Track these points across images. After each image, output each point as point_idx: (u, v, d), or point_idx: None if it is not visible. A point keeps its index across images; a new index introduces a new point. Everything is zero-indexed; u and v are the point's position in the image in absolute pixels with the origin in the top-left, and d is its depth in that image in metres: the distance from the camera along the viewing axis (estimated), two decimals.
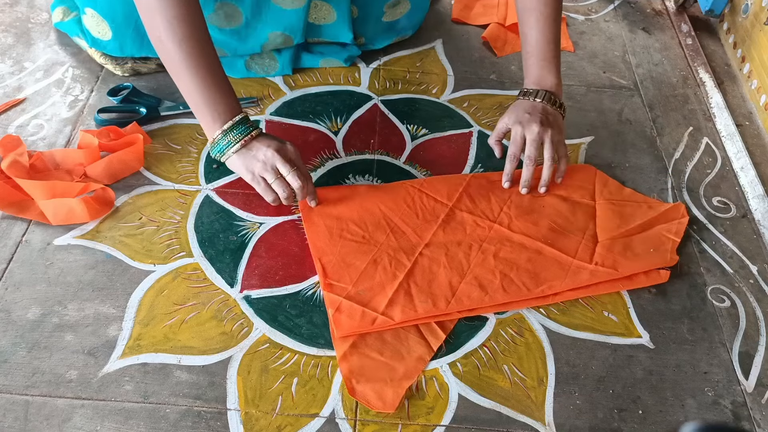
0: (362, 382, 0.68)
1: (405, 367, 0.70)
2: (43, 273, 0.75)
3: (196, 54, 0.74)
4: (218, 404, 0.66)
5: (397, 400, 0.67)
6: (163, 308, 0.73)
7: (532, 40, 0.86)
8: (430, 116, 0.99)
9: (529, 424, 0.68)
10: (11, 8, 1.09)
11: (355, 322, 0.72)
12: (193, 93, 0.76)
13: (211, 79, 0.76)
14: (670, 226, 0.85)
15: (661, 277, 0.80)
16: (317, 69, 1.04)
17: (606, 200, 0.87)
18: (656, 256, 0.81)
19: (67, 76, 0.98)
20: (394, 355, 0.71)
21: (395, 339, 0.72)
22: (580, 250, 0.81)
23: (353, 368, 0.69)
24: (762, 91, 1.06)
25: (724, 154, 0.98)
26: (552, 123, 0.84)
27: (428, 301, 0.74)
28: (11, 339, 0.69)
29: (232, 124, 0.76)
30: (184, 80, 0.75)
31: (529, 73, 0.88)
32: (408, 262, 0.78)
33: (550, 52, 0.86)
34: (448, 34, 1.14)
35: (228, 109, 0.77)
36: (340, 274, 0.76)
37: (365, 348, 0.71)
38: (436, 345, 0.72)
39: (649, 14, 1.25)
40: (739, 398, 0.72)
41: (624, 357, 0.74)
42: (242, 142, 0.76)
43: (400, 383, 0.69)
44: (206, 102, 0.76)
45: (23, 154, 0.83)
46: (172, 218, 0.82)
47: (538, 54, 0.86)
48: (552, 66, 0.87)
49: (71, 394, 0.66)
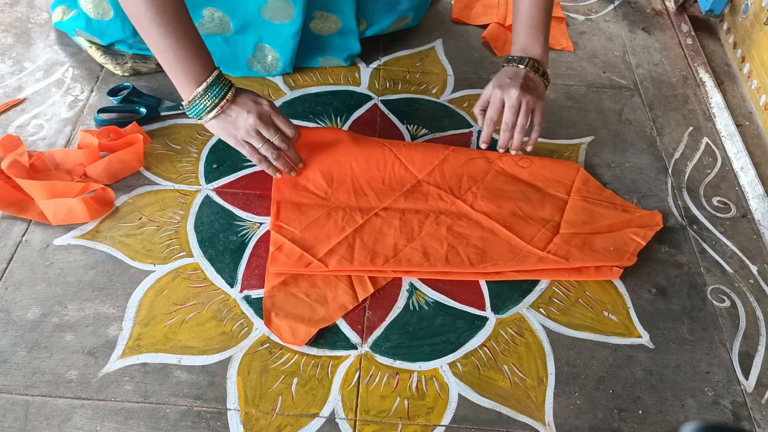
0: (280, 316, 0.72)
1: (326, 311, 0.74)
2: (43, 273, 0.75)
3: (168, 11, 0.71)
4: (218, 404, 0.66)
5: (308, 338, 0.71)
6: (163, 308, 0.73)
7: (522, 8, 0.86)
8: (430, 116, 0.99)
9: (529, 424, 0.68)
10: (11, 8, 1.09)
11: (291, 261, 0.76)
12: (163, 51, 0.73)
13: (182, 35, 0.73)
14: (638, 229, 0.83)
15: (613, 274, 0.80)
16: (317, 69, 1.04)
17: (581, 197, 0.87)
18: (614, 255, 0.80)
19: (67, 76, 0.98)
20: (319, 298, 0.75)
21: (325, 284, 0.76)
22: (537, 237, 0.81)
23: (276, 302, 0.74)
24: (762, 91, 1.06)
25: (724, 154, 0.98)
26: (532, 89, 0.83)
27: (367, 257, 0.77)
28: (11, 339, 0.69)
29: (206, 86, 0.75)
30: (153, 37, 0.72)
31: (517, 40, 0.87)
32: (360, 219, 0.81)
33: (539, 20, 0.85)
34: (448, 34, 1.14)
35: (200, 69, 0.75)
36: (291, 219, 0.80)
37: (294, 287, 0.75)
38: (363, 296, 0.75)
39: (649, 14, 1.25)
40: (739, 398, 0.72)
41: (624, 357, 0.74)
42: (219, 107, 0.76)
43: (316, 324, 0.72)
44: (177, 60, 0.73)
45: (23, 154, 0.83)
46: (172, 218, 0.82)
47: (526, 22, 0.86)
48: (539, 34, 0.86)
49: (71, 394, 0.66)
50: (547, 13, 0.86)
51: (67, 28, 1.01)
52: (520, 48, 0.86)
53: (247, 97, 0.78)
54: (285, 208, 0.81)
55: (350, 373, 0.70)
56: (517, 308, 0.77)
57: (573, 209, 0.85)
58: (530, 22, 0.86)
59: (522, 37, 0.87)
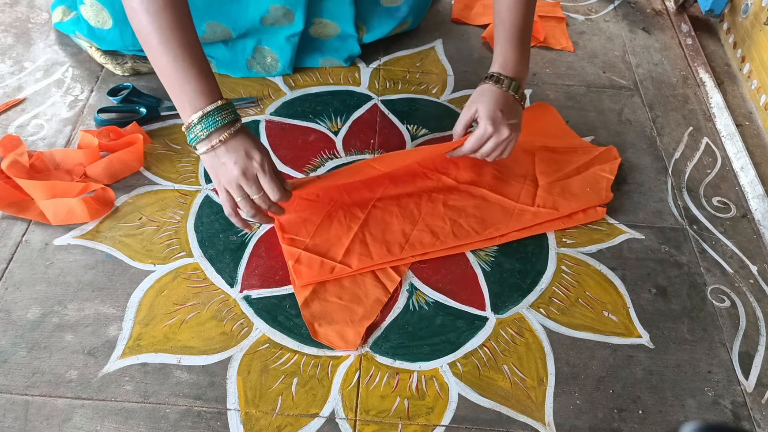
0: (324, 324, 0.72)
1: (364, 308, 0.74)
2: (43, 273, 0.75)
3: (172, 27, 0.67)
4: (218, 404, 0.66)
5: (358, 339, 0.72)
6: (163, 308, 0.73)
7: (504, 21, 0.83)
8: (430, 116, 0.99)
9: (529, 424, 0.68)
10: (11, 8, 1.09)
11: (315, 271, 0.76)
12: (166, 71, 0.69)
13: (186, 59, 0.68)
14: (604, 166, 0.91)
15: (598, 214, 0.86)
16: (317, 69, 1.04)
17: (544, 149, 0.93)
18: (593, 195, 0.88)
19: (67, 76, 0.98)
20: (353, 298, 0.75)
21: (353, 284, 0.76)
22: (522, 194, 0.87)
23: (315, 313, 0.73)
24: (762, 91, 1.05)
25: (724, 154, 0.98)
26: (516, 126, 0.82)
27: (383, 248, 0.79)
28: (11, 339, 0.69)
29: (202, 115, 0.69)
30: (156, 56, 0.69)
31: (498, 54, 0.84)
32: (362, 214, 0.82)
33: (521, 34, 0.83)
34: (448, 34, 1.14)
35: (201, 95, 0.69)
36: (298, 229, 0.80)
37: (325, 294, 0.75)
38: (392, 287, 0.77)
39: (649, 14, 1.25)
40: (739, 398, 0.72)
41: (624, 357, 0.74)
42: (210, 145, 0.69)
43: (360, 323, 0.73)
44: (179, 83, 0.69)
45: (23, 154, 0.83)
46: (172, 218, 0.82)
47: (509, 36, 0.83)
48: (525, 49, 0.84)
49: (71, 394, 0.66)
50: (528, 27, 0.84)
51: (67, 29, 1.01)
52: (502, 64, 0.83)
53: (242, 145, 0.70)
54: (286, 220, 0.81)
55: (350, 373, 0.70)
56: (517, 308, 0.77)
57: (542, 160, 0.91)
58: (513, 36, 0.83)
59: (504, 51, 0.83)
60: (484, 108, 0.80)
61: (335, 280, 0.76)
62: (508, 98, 0.81)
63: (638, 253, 0.84)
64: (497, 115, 0.80)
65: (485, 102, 0.81)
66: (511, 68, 0.82)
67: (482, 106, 0.81)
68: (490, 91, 0.81)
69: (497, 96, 0.81)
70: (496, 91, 0.81)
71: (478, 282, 0.79)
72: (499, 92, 0.81)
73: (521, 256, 0.82)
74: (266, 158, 0.71)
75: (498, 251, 0.83)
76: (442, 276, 0.79)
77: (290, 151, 0.91)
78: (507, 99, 0.81)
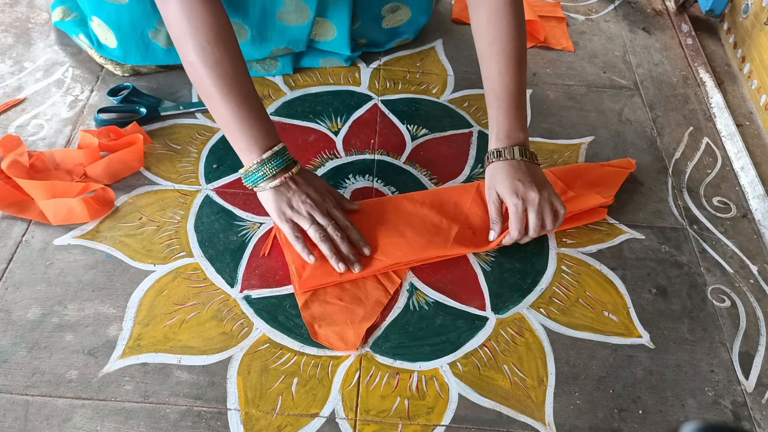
0: (324, 326, 0.72)
1: (364, 310, 0.74)
2: (43, 273, 0.75)
3: (229, 79, 0.71)
4: (218, 404, 0.66)
5: (358, 340, 0.71)
6: (163, 308, 0.73)
7: (498, 86, 0.79)
8: (430, 116, 0.99)
9: (529, 424, 0.68)
10: (11, 8, 1.09)
11: (317, 279, 0.75)
12: (227, 119, 0.72)
13: (246, 104, 0.72)
14: (614, 170, 0.91)
15: (600, 215, 0.86)
16: (317, 69, 1.04)
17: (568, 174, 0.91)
18: (598, 196, 0.87)
19: (67, 76, 0.98)
20: (353, 299, 0.75)
21: (353, 285, 0.76)
22: None
23: (315, 314, 0.73)
24: (762, 91, 1.05)
25: (724, 154, 0.98)
26: (542, 182, 0.78)
27: (384, 255, 0.78)
28: (11, 339, 0.69)
29: (272, 154, 0.73)
30: (218, 105, 0.72)
31: (498, 124, 0.80)
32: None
33: (516, 101, 0.79)
34: (448, 34, 1.14)
35: (264, 136, 0.73)
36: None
37: (325, 295, 0.75)
38: (392, 289, 0.76)
39: (649, 14, 1.25)
40: (739, 398, 0.72)
41: (624, 357, 0.74)
42: (282, 178, 0.73)
43: (360, 324, 0.73)
44: (241, 127, 0.72)
45: (23, 154, 0.83)
46: (172, 218, 0.82)
47: (502, 106, 0.79)
48: (521, 115, 0.80)
49: (71, 394, 0.66)
50: (523, 89, 0.80)
51: (69, 29, 1.01)
52: (505, 134, 0.79)
53: (312, 179, 0.76)
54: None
55: (350, 373, 0.70)
56: (517, 308, 0.77)
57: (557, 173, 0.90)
58: (511, 103, 0.79)
59: (503, 120, 0.79)
60: (502, 187, 0.78)
61: (337, 283, 0.76)
62: (519, 165, 0.78)
63: (638, 253, 0.84)
64: (517, 185, 0.77)
65: (500, 180, 0.78)
66: (510, 138, 0.79)
67: (500, 186, 0.78)
68: (499, 167, 0.79)
69: (506, 169, 0.78)
70: (502, 164, 0.78)
71: (478, 282, 0.79)
72: (506, 164, 0.78)
73: (521, 256, 0.82)
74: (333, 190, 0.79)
75: (498, 251, 0.82)
76: (442, 276, 0.79)
77: (290, 151, 0.91)
78: (518, 166, 0.78)
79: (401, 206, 0.83)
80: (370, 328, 0.73)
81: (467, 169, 0.92)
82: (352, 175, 0.89)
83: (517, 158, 0.78)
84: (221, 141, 0.91)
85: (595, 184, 0.89)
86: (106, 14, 0.91)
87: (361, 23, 1.03)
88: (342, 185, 0.88)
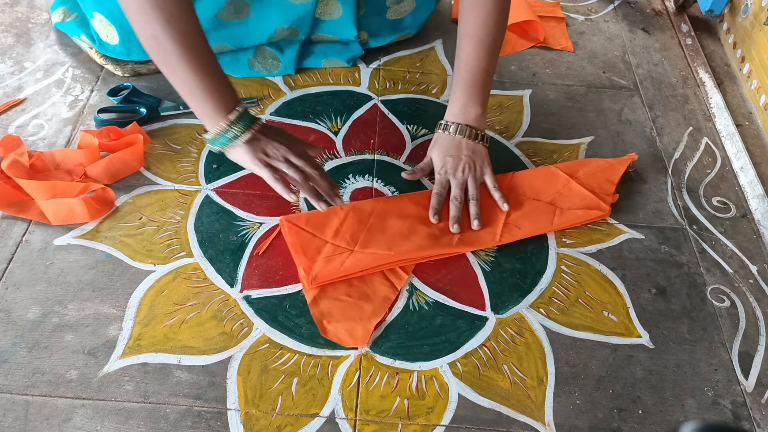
0: (333, 322, 0.73)
1: (372, 305, 0.75)
2: (43, 273, 0.75)
3: (195, 50, 0.73)
4: (218, 404, 0.66)
5: (367, 336, 0.72)
6: (163, 308, 0.73)
7: (464, 66, 0.83)
8: (430, 116, 0.99)
9: (529, 424, 0.68)
10: (11, 8, 1.09)
11: (326, 274, 0.75)
12: (193, 86, 0.74)
13: (210, 72, 0.74)
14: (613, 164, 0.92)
15: (605, 213, 0.86)
16: (318, 69, 1.04)
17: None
18: (599, 192, 0.88)
19: (67, 76, 0.98)
20: (361, 296, 0.75)
21: (361, 282, 0.76)
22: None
23: (323, 311, 0.74)
24: (762, 91, 1.06)
25: (723, 154, 0.98)
26: (475, 162, 0.84)
27: (391, 249, 0.78)
28: (11, 339, 0.69)
29: (238, 115, 0.75)
30: (182, 76, 0.73)
31: (455, 99, 0.85)
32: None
33: (481, 81, 0.83)
34: (448, 34, 1.14)
35: (231, 100, 0.76)
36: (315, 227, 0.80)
37: (333, 292, 0.75)
38: (400, 285, 0.77)
39: (649, 14, 1.25)
40: (739, 398, 0.72)
41: (624, 357, 0.74)
42: (251, 133, 0.76)
43: (369, 320, 0.73)
44: (208, 93, 0.74)
45: (23, 154, 0.83)
46: (172, 218, 0.82)
47: (467, 81, 0.83)
48: (480, 95, 0.84)
49: (71, 394, 0.66)
50: (489, 74, 0.84)
51: (70, 30, 1.01)
52: (458, 110, 0.85)
53: (278, 129, 0.79)
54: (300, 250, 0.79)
55: (350, 373, 0.70)
56: (517, 308, 0.77)
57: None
58: (472, 82, 0.83)
59: (461, 97, 0.84)
60: (437, 157, 0.85)
61: (345, 279, 0.76)
62: (461, 142, 0.84)
63: (638, 253, 0.84)
64: (447, 160, 0.84)
65: (437, 150, 0.86)
66: (464, 114, 0.84)
67: (435, 156, 0.86)
68: (442, 138, 0.86)
69: (445, 141, 0.85)
70: (444, 137, 0.86)
71: (478, 282, 0.79)
72: (450, 138, 0.85)
73: (521, 256, 0.83)
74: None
75: (498, 251, 0.83)
76: (442, 276, 0.79)
77: None
78: (460, 143, 0.84)
79: (405, 209, 0.83)
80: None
81: None
82: (352, 175, 0.89)
83: (466, 137, 0.83)
84: None
85: (596, 174, 0.90)
86: (107, 9, 0.91)
87: (366, 11, 1.03)
88: (342, 185, 0.88)
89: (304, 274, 0.76)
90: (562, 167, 0.90)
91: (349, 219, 0.81)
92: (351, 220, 0.81)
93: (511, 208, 0.84)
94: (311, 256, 0.77)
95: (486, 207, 0.85)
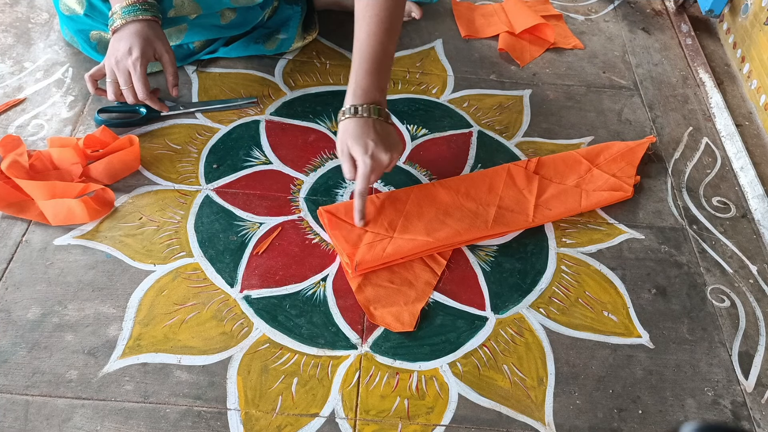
0: (379, 308, 0.74)
1: (416, 291, 0.76)
2: (43, 273, 0.75)
3: None
4: (218, 404, 0.66)
5: (414, 320, 0.74)
6: (163, 308, 0.73)
7: (364, 47, 0.79)
8: (430, 116, 0.99)
9: (529, 424, 0.68)
10: (11, 8, 1.09)
11: (368, 262, 0.76)
12: None
13: None
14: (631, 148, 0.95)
15: (628, 194, 0.89)
16: (318, 69, 1.04)
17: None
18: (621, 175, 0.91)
19: (67, 76, 0.98)
20: (404, 282, 0.77)
21: (402, 269, 0.78)
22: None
23: (369, 297, 0.75)
24: (762, 91, 1.06)
25: (723, 154, 0.99)
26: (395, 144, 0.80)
27: (430, 236, 0.80)
28: (11, 339, 0.69)
29: (126, 4, 0.81)
30: None
31: (356, 82, 0.80)
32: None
33: (381, 63, 0.79)
34: (448, 34, 1.14)
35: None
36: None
37: (376, 279, 0.77)
38: (439, 270, 0.79)
39: (649, 14, 1.25)
40: (739, 398, 0.72)
41: (624, 357, 0.74)
42: (113, 28, 0.82)
43: (414, 305, 0.75)
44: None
45: (23, 154, 0.82)
46: (172, 218, 0.82)
47: (367, 63, 0.79)
48: (381, 78, 0.80)
49: (71, 394, 0.66)
50: (386, 50, 0.80)
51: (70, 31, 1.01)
52: (362, 92, 0.80)
53: (136, 36, 0.82)
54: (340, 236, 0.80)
55: (350, 373, 0.70)
56: (517, 308, 0.77)
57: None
58: (371, 59, 0.79)
59: (362, 79, 0.80)
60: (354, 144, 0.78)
61: (386, 267, 0.78)
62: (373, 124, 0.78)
63: (638, 253, 0.84)
64: (369, 144, 0.77)
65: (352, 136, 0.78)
66: (367, 96, 0.80)
67: (352, 143, 0.78)
68: (353, 123, 0.79)
69: (361, 126, 0.78)
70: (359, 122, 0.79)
71: (478, 282, 0.79)
72: (361, 121, 0.78)
73: (521, 256, 0.83)
74: (143, 59, 0.83)
75: (498, 251, 0.83)
76: (443, 276, 0.79)
77: (290, 151, 0.91)
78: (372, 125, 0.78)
79: (438, 196, 0.85)
80: (370, 327, 0.73)
81: (467, 168, 0.92)
82: None
83: (373, 117, 0.78)
84: (221, 141, 0.91)
85: (617, 158, 0.93)
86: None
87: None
88: (342, 185, 0.88)
89: (348, 261, 0.77)
90: (583, 153, 0.93)
91: (385, 207, 0.83)
92: (387, 209, 0.83)
93: (539, 191, 0.87)
94: (353, 243, 0.78)
95: (515, 191, 0.87)
